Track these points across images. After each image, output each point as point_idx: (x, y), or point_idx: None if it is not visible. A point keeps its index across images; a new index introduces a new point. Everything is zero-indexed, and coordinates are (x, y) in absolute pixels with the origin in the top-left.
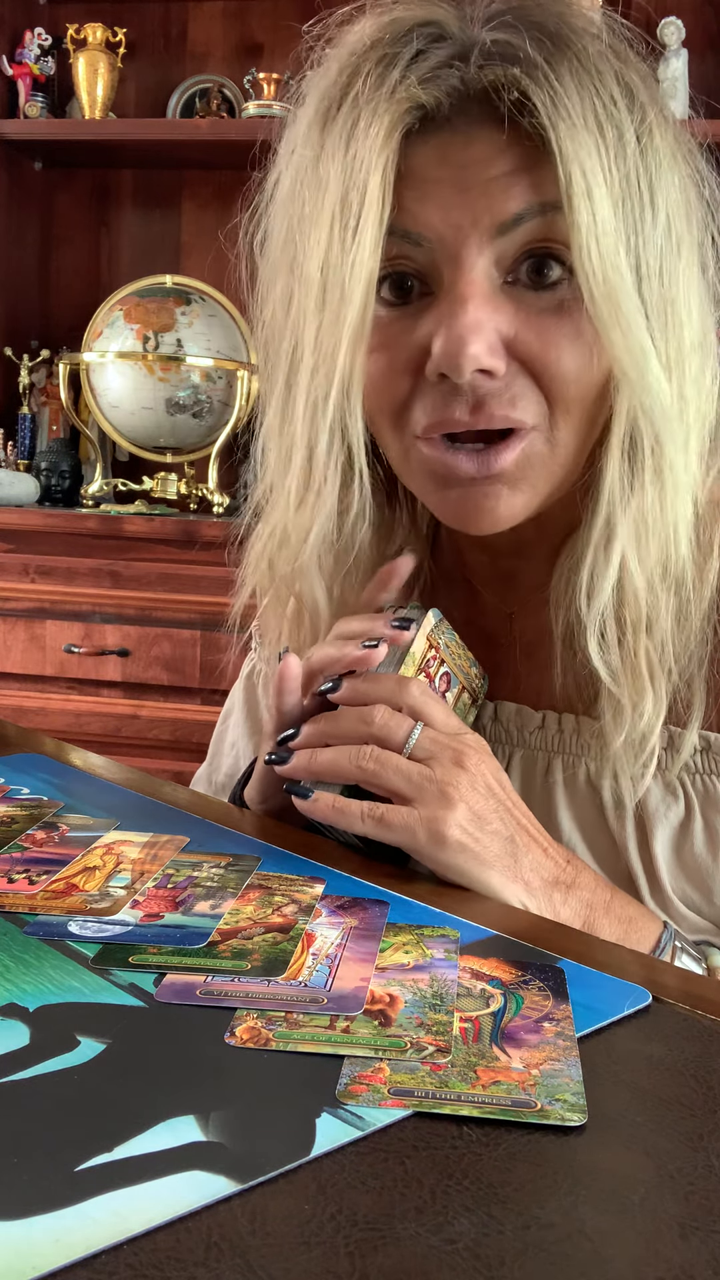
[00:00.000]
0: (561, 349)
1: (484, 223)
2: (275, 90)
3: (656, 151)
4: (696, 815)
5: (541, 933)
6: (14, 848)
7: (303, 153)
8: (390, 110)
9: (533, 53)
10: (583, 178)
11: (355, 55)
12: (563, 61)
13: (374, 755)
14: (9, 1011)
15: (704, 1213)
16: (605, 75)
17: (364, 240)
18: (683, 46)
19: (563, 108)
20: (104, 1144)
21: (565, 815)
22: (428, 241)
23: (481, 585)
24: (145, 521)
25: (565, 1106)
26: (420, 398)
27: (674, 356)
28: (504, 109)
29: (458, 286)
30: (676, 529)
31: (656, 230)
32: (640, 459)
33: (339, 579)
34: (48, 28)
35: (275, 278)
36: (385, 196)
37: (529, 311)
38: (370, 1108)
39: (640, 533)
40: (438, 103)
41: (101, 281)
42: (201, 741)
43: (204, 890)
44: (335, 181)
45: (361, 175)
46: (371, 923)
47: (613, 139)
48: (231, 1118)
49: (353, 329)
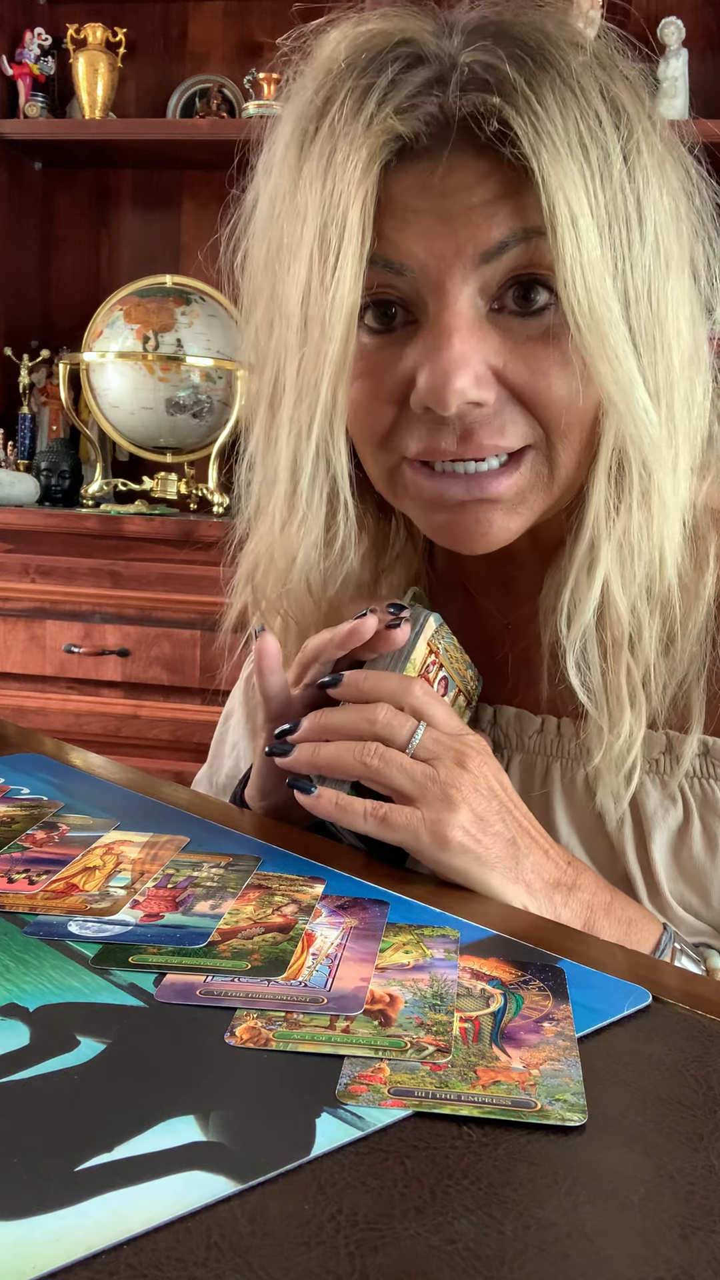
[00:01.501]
0: (551, 376)
1: (467, 251)
2: (275, 90)
3: (644, 168)
4: (695, 819)
5: (541, 933)
6: (14, 848)
7: (279, 180)
8: (368, 142)
9: (513, 74)
10: (566, 206)
11: (331, 75)
12: (544, 82)
13: (379, 752)
14: (9, 1011)
15: (704, 1213)
16: (589, 92)
17: (344, 275)
18: (683, 46)
19: (545, 134)
20: (104, 1144)
21: (563, 819)
22: (410, 271)
23: (478, 591)
24: (145, 521)
25: (565, 1106)
26: (406, 425)
27: (663, 381)
28: (484, 138)
29: (442, 318)
30: (663, 551)
31: (645, 251)
32: (627, 483)
33: (327, 596)
34: (48, 28)
35: (257, 300)
36: (365, 229)
37: (516, 339)
38: (370, 1108)
39: (625, 556)
40: (416, 134)
41: (101, 281)
42: (201, 741)
43: (204, 890)
44: (314, 213)
45: (340, 208)
46: (371, 923)
47: (598, 161)
48: (231, 1118)
49: (335, 363)
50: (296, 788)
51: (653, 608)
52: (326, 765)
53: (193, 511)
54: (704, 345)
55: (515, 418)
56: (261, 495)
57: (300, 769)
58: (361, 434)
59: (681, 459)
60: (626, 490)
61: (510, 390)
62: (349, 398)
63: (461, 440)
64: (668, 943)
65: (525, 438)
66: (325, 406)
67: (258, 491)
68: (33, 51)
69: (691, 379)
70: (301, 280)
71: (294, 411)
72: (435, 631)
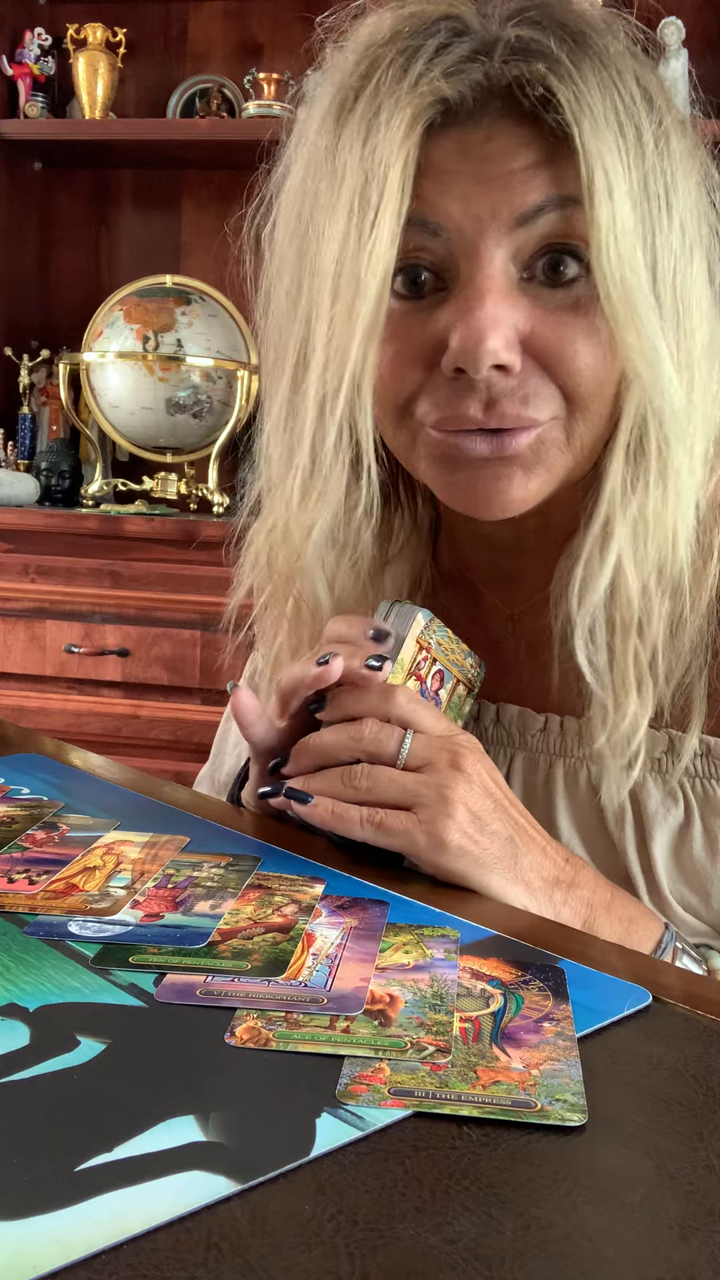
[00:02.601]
0: (578, 346)
1: (503, 214)
2: (275, 90)
3: (673, 154)
4: (696, 819)
5: (541, 933)
6: (14, 848)
7: (316, 143)
8: (413, 102)
9: (556, 50)
10: (604, 176)
11: (374, 47)
12: (585, 59)
13: (366, 773)
14: (9, 1011)
15: (704, 1213)
16: (625, 75)
17: (381, 233)
18: (683, 46)
19: (586, 105)
20: (104, 1144)
21: (565, 818)
22: (445, 231)
23: (484, 586)
24: (145, 521)
25: (565, 1106)
26: (430, 391)
27: (685, 359)
28: (528, 104)
29: (476, 280)
30: (676, 533)
31: (672, 232)
32: (645, 461)
33: (339, 577)
34: (48, 28)
35: (283, 270)
36: (405, 189)
37: (545, 308)
38: (370, 1108)
39: (639, 534)
40: (461, 96)
41: (101, 281)
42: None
43: (204, 890)
44: (352, 173)
45: (381, 167)
46: (371, 923)
47: (633, 139)
48: (231, 1118)
49: (366, 322)
50: (292, 797)
51: (663, 590)
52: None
53: (193, 511)
54: (719, 340)
55: (540, 389)
56: (277, 470)
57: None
58: (386, 399)
59: (698, 441)
60: (644, 468)
61: (536, 359)
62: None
63: (487, 408)
64: (669, 942)
65: (550, 411)
66: (355, 368)
67: (273, 468)
68: (33, 51)
69: (709, 368)
70: (337, 239)
71: (322, 373)
72: (425, 627)
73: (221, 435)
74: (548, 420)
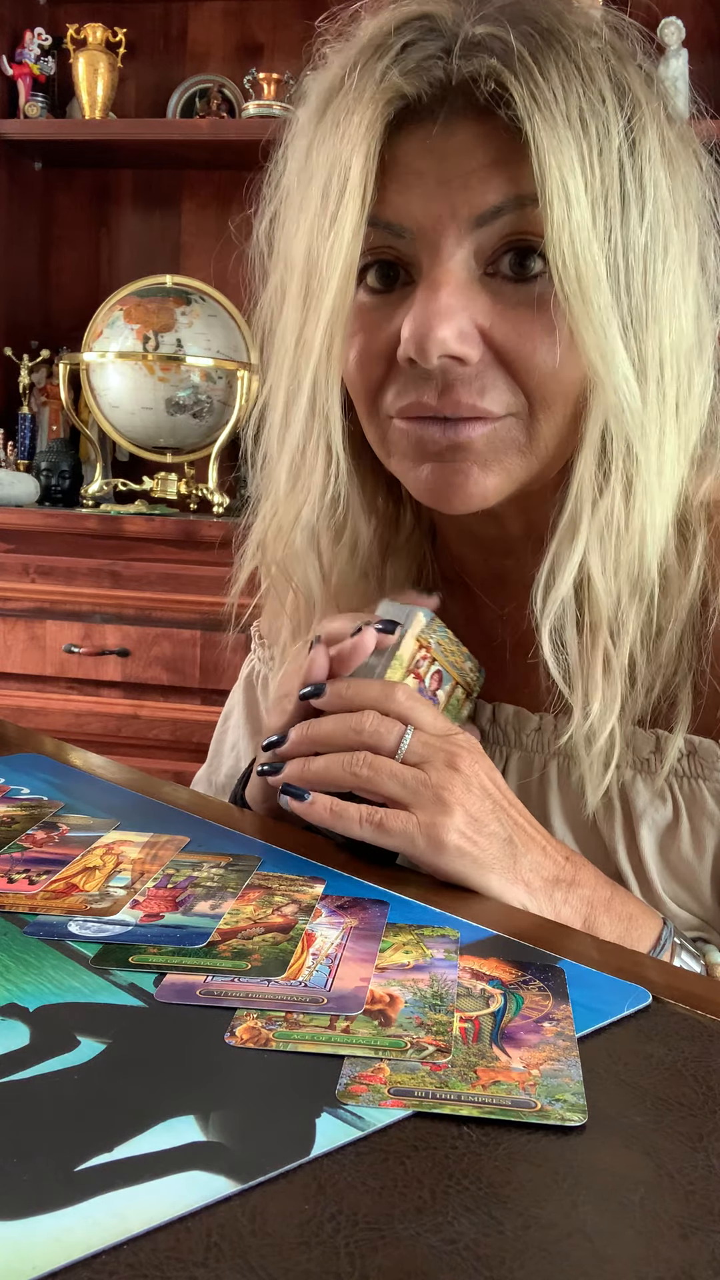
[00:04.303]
0: (537, 342)
1: (462, 214)
2: (275, 90)
3: (649, 154)
4: (684, 818)
5: (541, 933)
6: (14, 848)
7: (298, 143)
8: (374, 100)
9: (518, 45)
10: (558, 172)
11: (354, 50)
12: (549, 55)
13: (368, 761)
14: (9, 1011)
15: (704, 1213)
16: (595, 71)
17: (344, 227)
18: (683, 46)
19: (543, 102)
20: (104, 1144)
21: (558, 816)
22: (408, 232)
23: (476, 585)
24: (145, 521)
25: (565, 1106)
26: (394, 382)
27: (650, 359)
28: (483, 100)
29: (433, 274)
30: (644, 536)
31: (641, 231)
32: (610, 461)
33: (337, 567)
34: (48, 28)
35: (274, 265)
36: (367, 183)
37: (506, 303)
38: (370, 1108)
39: (606, 537)
40: (419, 93)
41: (101, 281)
42: (201, 741)
43: (204, 890)
44: (321, 169)
45: (344, 163)
46: (371, 923)
47: (596, 134)
48: (231, 1118)
49: (329, 312)
50: (290, 794)
51: (637, 592)
52: (316, 779)
53: (193, 511)
54: (709, 339)
55: (497, 382)
56: (272, 460)
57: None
58: (357, 391)
59: (668, 443)
60: (611, 470)
61: (495, 352)
62: (345, 356)
63: (442, 395)
64: (667, 938)
65: (506, 406)
66: (320, 355)
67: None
68: (33, 51)
69: (690, 367)
70: (306, 234)
71: (292, 361)
72: (426, 626)
73: (221, 435)
74: (503, 414)
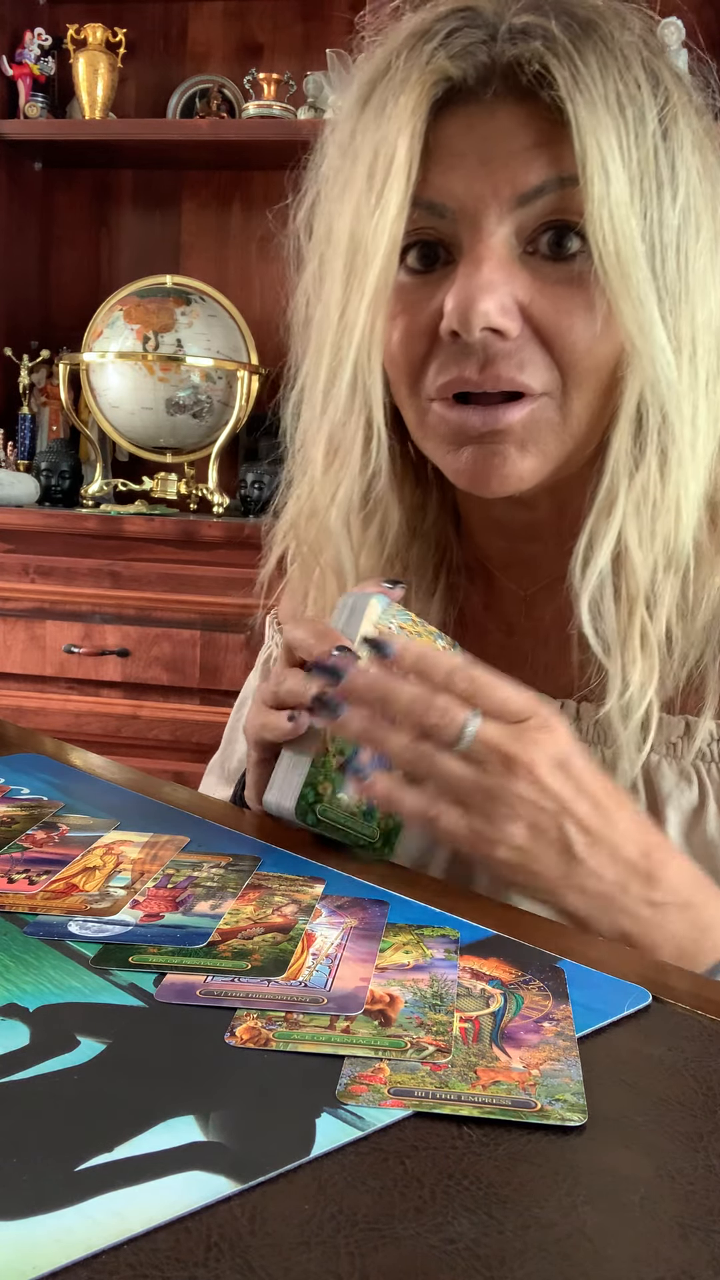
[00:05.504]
0: (575, 318)
1: (504, 193)
2: (275, 90)
3: (681, 140)
4: (710, 801)
5: (541, 932)
6: (14, 848)
7: (342, 130)
8: (420, 82)
9: (558, 32)
10: (598, 150)
11: (398, 40)
12: (588, 42)
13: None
14: (9, 1011)
15: (704, 1213)
16: (631, 60)
17: (388, 206)
18: (683, 46)
19: (583, 84)
20: (104, 1144)
21: None
22: (450, 212)
23: (499, 571)
24: (145, 521)
25: (565, 1106)
26: (436, 360)
27: (685, 334)
28: (526, 81)
29: (475, 250)
30: (679, 508)
31: (675, 210)
32: (647, 435)
33: (365, 547)
34: (48, 28)
35: (316, 247)
36: (412, 163)
37: (545, 281)
38: (370, 1108)
39: (642, 508)
40: (464, 75)
41: (101, 281)
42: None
43: (204, 890)
44: (366, 151)
45: (389, 144)
46: (371, 923)
47: (633, 118)
48: (231, 1118)
49: (373, 291)
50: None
51: (671, 566)
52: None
53: (193, 512)
54: None
55: (535, 358)
56: (307, 440)
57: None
58: (397, 371)
59: (701, 416)
60: (646, 442)
61: (534, 328)
62: (387, 335)
63: (482, 370)
64: None
65: (543, 382)
66: (363, 332)
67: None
68: (33, 51)
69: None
70: (350, 213)
71: (334, 338)
72: (383, 612)
73: (221, 435)
74: (540, 392)
